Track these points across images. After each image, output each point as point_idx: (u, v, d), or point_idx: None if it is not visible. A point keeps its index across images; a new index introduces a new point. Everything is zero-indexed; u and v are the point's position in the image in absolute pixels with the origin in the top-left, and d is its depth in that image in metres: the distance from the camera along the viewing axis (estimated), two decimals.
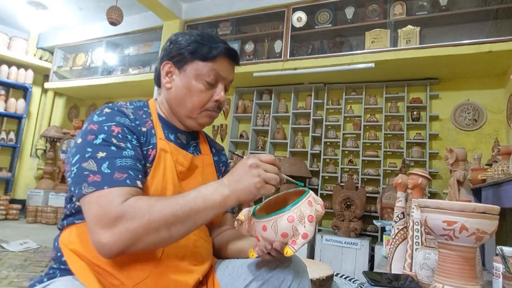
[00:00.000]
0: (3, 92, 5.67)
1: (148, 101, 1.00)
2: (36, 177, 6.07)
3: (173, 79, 0.96)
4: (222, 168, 1.12)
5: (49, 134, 5.75)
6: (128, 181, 0.75)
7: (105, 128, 0.80)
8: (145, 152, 0.86)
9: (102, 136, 0.79)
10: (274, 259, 0.85)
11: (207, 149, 1.08)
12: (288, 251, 0.77)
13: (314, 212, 0.80)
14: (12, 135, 5.72)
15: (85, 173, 0.75)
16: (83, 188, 0.73)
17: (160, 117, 0.97)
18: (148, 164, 0.85)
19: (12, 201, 5.35)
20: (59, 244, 0.83)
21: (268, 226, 0.78)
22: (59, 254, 0.82)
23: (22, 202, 5.48)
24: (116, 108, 0.86)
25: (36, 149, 6.17)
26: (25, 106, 5.80)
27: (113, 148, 0.78)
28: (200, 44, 0.93)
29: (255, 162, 0.78)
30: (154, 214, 0.71)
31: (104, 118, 0.82)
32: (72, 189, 0.77)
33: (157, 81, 1.01)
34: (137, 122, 0.87)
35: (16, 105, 5.73)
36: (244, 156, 0.86)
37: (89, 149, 0.77)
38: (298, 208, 0.78)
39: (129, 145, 0.81)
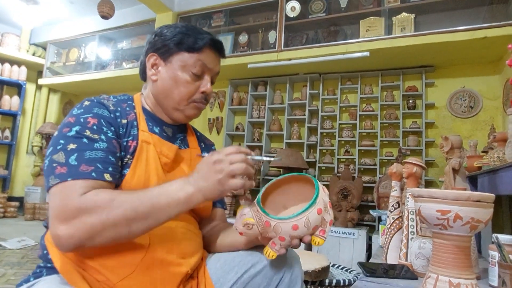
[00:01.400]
0: None
1: (133, 95, 0.98)
2: (33, 174, 6.05)
3: (158, 71, 0.95)
4: None
5: (44, 131, 5.71)
6: (93, 174, 0.74)
7: (81, 120, 0.79)
8: (124, 143, 0.85)
9: (76, 128, 0.78)
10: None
11: (195, 142, 1.07)
12: (320, 241, 0.78)
13: (328, 197, 0.81)
14: (7, 133, 5.68)
15: (54, 165, 0.73)
16: (50, 180, 0.73)
17: (145, 110, 0.96)
18: (128, 156, 0.84)
19: (10, 198, 5.35)
20: (45, 242, 0.82)
21: (300, 224, 0.76)
22: (45, 251, 0.81)
23: (20, 200, 5.47)
24: (96, 100, 0.85)
25: (32, 146, 6.13)
26: (20, 103, 5.76)
27: (84, 140, 0.77)
28: (186, 35, 0.92)
29: (218, 158, 0.76)
30: (114, 208, 0.70)
31: (82, 110, 0.82)
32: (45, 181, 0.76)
33: (143, 74, 1.00)
34: (117, 114, 0.86)
35: (11, 102, 5.68)
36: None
37: (61, 141, 0.76)
38: (321, 198, 0.78)
39: (103, 137, 0.79)
